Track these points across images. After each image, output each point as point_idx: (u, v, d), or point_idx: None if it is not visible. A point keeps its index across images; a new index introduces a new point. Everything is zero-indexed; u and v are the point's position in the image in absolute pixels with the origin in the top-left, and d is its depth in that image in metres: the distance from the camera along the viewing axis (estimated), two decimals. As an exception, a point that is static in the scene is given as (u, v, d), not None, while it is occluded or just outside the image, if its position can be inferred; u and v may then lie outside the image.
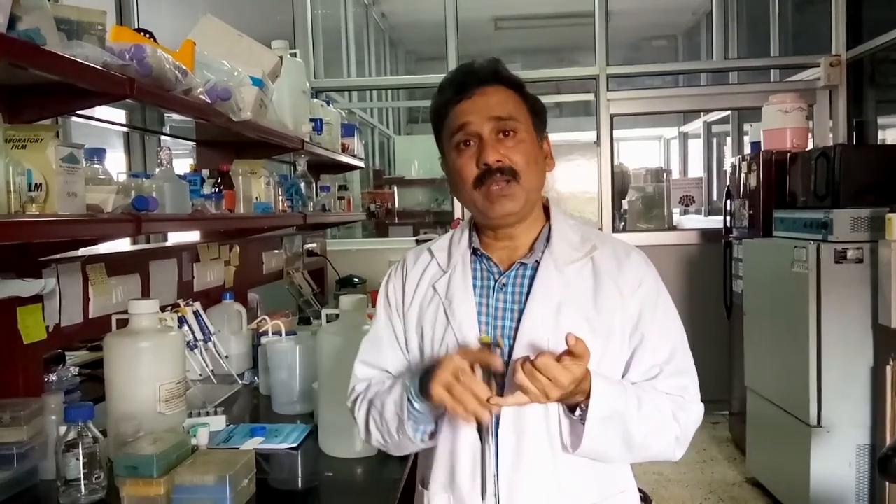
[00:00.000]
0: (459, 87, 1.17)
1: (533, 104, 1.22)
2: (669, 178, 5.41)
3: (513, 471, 1.14)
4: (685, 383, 1.18)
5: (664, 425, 1.14)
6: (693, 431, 1.18)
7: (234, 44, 2.02)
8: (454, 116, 1.18)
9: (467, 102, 1.16)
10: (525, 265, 1.21)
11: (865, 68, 4.44)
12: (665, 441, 1.15)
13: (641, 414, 1.11)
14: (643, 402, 1.12)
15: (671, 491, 3.59)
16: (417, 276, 1.27)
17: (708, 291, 4.35)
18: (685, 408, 1.16)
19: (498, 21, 6.97)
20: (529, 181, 1.16)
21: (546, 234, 1.23)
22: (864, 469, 2.97)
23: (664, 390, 1.16)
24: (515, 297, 1.19)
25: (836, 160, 3.10)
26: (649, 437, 1.13)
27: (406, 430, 1.14)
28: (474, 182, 1.16)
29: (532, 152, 1.18)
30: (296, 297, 3.30)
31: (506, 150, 1.15)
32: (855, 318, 2.92)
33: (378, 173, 6.72)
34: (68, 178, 1.17)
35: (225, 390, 2.09)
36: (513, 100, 1.18)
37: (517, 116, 1.17)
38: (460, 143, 1.17)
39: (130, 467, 1.22)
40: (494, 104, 1.16)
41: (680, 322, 1.22)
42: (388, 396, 1.18)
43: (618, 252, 1.21)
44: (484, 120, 1.15)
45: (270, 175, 2.26)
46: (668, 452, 1.17)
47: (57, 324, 1.62)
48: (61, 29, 1.18)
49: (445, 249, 1.28)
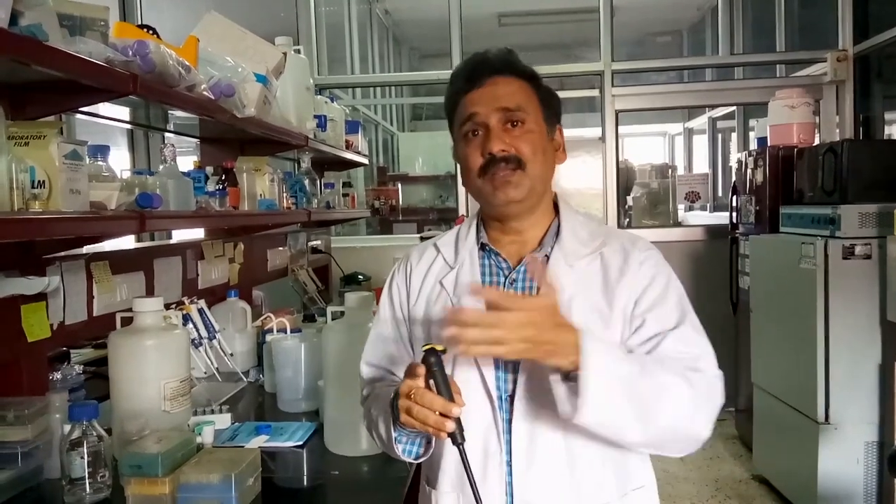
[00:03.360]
0: (470, 76, 1.17)
1: (545, 96, 1.20)
2: (675, 174, 5.39)
3: (526, 466, 1.11)
4: (698, 351, 1.10)
5: (675, 384, 1.03)
6: (715, 401, 1.06)
7: (238, 40, 2.01)
8: (464, 106, 1.17)
9: (477, 92, 1.15)
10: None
11: (872, 63, 4.41)
12: (683, 405, 1.03)
13: (646, 371, 1.02)
14: (645, 362, 1.05)
15: (678, 488, 3.58)
16: (423, 272, 1.26)
17: (714, 288, 4.32)
18: (698, 369, 1.06)
19: (502, 17, 6.94)
20: (535, 170, 1.15)
21: (555, 229, 1.22)
22: (872, 466, 2.95)
23: (674, 357, 1.07)
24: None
25: (843, 155, 3.08)
26: (663, 396, 1.01)
27: (400, 455, 1.13)
28: (479, 171, 1.15)
29: (539, 143, 1.16)
30: (300, 294, 3.30)
31: (512, 139, 1.14)
32: (863, 315, 2.91)
33: (382, 170, 6.71)
34: (72, 176, 1.16)
35: (230, 388, 2.09)
36: (523, 90, 1.17)
37: (526, 107, 1.15)
38: (468, 133, 1.16)
39: (135, 466, 1.22)
40: (503, 95, 1.15)
41: (686, 296, 1.17)
42: (380, 420, 1.16)
43: (625, 245, 1.20)
44: (491, 110, 1.14)
45: (274, 172, 2.25)
46: (689, 420, 1.04)
47: (61, 322, 1.62)
48: (64, 25, 1.17)
49: (452, 244, 1.26)
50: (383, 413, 1.14)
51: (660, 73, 5.64)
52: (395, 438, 1.10)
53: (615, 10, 4.78)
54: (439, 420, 0.98)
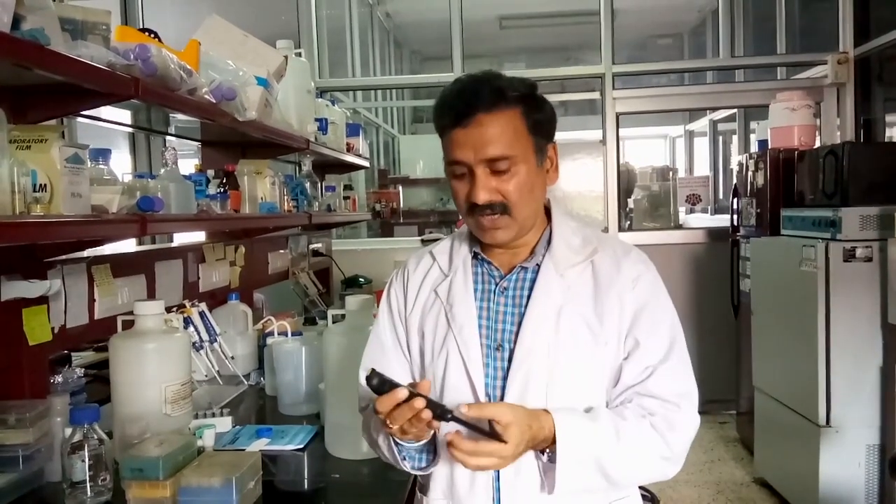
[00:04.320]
0: (458, 113, 1.11)
1: (537, 120, 1.15)
2: (675, 176, 5.39)
3: (514, 474, 1.13)
4: (683, 388, 1.15)
5: (649, 452, 1.11)
6: (686, 447, 1.15)
7: (239, 44, 2.01)
8: (450, 143, 1.14)
9: (463, 133, 1.11)
10: (526, 269, 1.20)
11: (873, 65, 4.41)
12: (652, 468, 1.14)
13: (621, 447, 1.08)
14: (621, 432, 1.09)
15: (679, 491, 3.57)
16: (419, 280, 1.27)
17: (715, 290, 4.32)
18: (676, 426, 1.12)
19: (503, 20, 6.95)
20: (522, 212, 1.15)
21: (547, 237, 1.22)
22: (873, 469, 2.95)
23: (658, 394, 1.13)
24: (516, 300, 1.18)
25: (844, 158, 3.08)
26: (633, 469, 1.12)
27: (405, 468, 1.17)
28: (467, 210, 1.17)
29: (527, 183, 1.14)
30: (301, 297, 3.30)
31: (498, 182, 1.12)
32: (864, 317, 2.90)
33: (383, 173, 6.71)
34: (73, 179, 1.16)
35: (231, 391, 2.09)
36: (512, 126, 1.12)
37: (513, 149, 1.11)
38: (455, 173, 1.16)
39: (136, 469, 1.22)
40: (490, 139, 1.10)
41: (678, 324, 1.19)
42: (379, 436, 1.19)
43: (617, 253, 1.20)
44: (477, 160, 1.11)
45: (275, 175, 2.26)
46: (658, 475, 1.15)
47: (62, 325, 1.62)
48: (66, 29, 1.17)
49: (447, 253, 1.28)
50: (383, 434, 1.16)
51: (660, 76, 5.63)
52: (401, 457, 1.15)
53: (616, 13, 4.79)
54: (417, 419, 1.01)
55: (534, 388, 1.12)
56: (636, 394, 1.14)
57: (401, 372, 1.26)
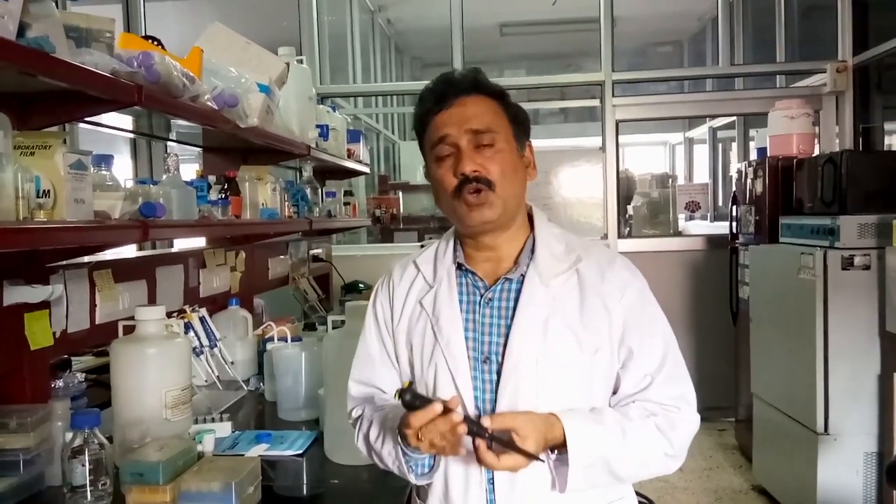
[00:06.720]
0: (439, 97, 1.18)
1: (514, 114, 1.21)
2: (675, 183, 5.39)
3: (509, 480, 1.13)
4: (680, 391, 1.18)
5: (653, 450, 1.14)
6: (687, 444, 1.18)
7: (242, 51, 2.02)
8: (434, 128, 1.18)
9: (446, 113, 1.17)
10: (510, 280, 1.20)
11: (872, 74, 4.43)
12: (657, 465, 1.17)
13: (627, 445, 1.12)
14: (627, 432, 1.12)
15: (677, 498, 3.57)
16: (405, 292, 1.27)
17: (714, 298, 4.33)
18: (677, 426, 1.15)
19: (503, 27, 6.98)
20: (506, 190, 1.16)
21: (530, 246, 1.22)
22: (871, 477, 2.95)
23: (658, 401, 1.16)
24: (502, 311, 1.18)
25: (842, 166, 3.09)
26: (638, 467, 1.16)
27: (408, 476, 1.18)
28: (453, 192, 1.16)
29: (510, 162, 1.17)
30: (301, 302, 3.31)
31: (482, 159, 1.15)
32: (862, 325, 2.91)
33: (383, 179, 6.71)
34: (76, 185, 1.17)
35: (230, 396, 2.10)
36: (492, 110, 1.18)
37: (495, 127, 1.17)
38: (440, 154, 1.18)
39: (136, 474, 1.23)
40: (472, 116, 1.16)
41: (668, 328, 1.21)
42: (382, 447, 1.19)
43: (601, 262, 1.20)
44: (461, 132, 1.15)
45: (276, 181, 2.27)
46: (662, 471, 1.18)
47: (64, 330, 1.62)
48: (70, 36, 1.18)
49: (431, 262, 1.27)
50: (389, 441, 1.17)
51: (660, 83, 5.66)
52: (408, 467, 1.16)
53: (616, 21, 4.81)
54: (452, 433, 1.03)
55: (524, 401, 1.13)
56: (637, 401, 1.17)
57: (390, 382, 1.27)
